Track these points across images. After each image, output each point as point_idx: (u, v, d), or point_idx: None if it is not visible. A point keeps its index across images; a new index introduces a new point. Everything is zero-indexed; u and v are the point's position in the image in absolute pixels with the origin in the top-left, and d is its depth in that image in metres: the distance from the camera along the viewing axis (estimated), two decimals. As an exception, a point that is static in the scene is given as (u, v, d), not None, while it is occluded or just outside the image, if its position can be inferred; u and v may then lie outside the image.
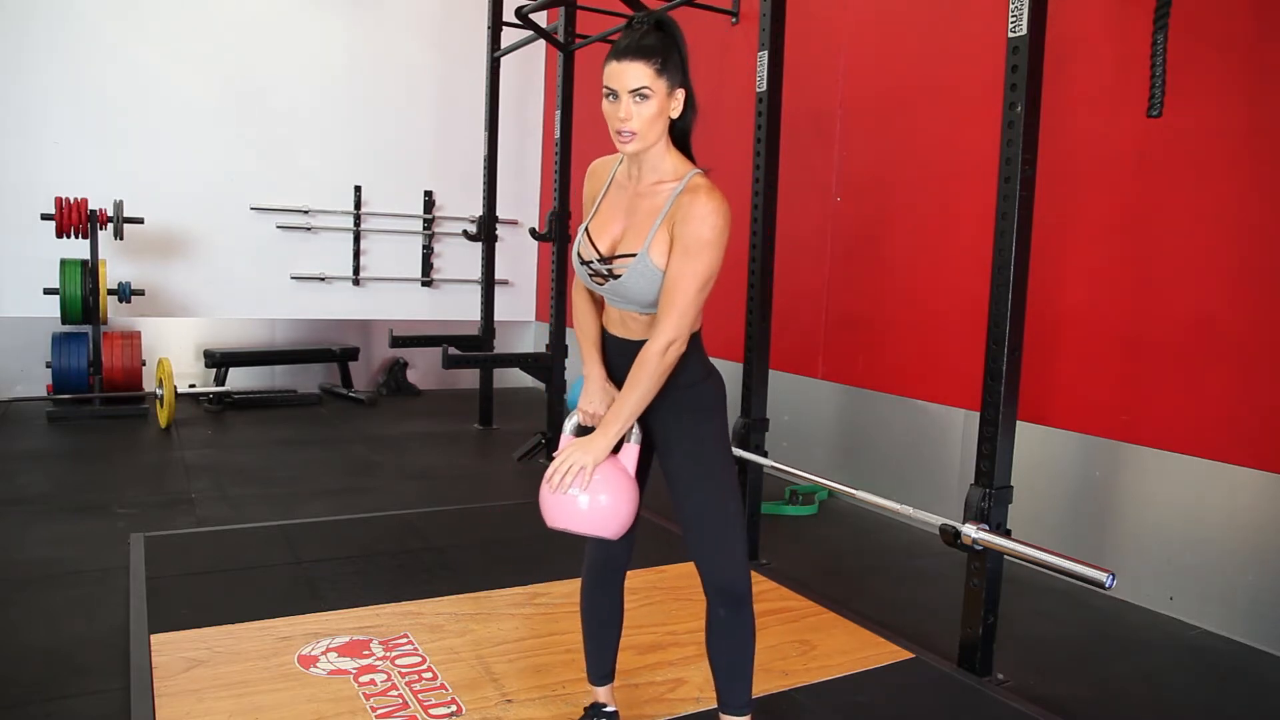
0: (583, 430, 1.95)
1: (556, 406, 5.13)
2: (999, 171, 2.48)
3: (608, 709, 2.12)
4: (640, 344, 1.80)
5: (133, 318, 6.54)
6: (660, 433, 1.90)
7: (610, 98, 1.72)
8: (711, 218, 1.71)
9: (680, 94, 1.75)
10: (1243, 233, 2.96)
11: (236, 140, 6.80)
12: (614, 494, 1.81)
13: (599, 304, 1.95)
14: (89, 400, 5.89)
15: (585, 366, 1.96)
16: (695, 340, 1.86)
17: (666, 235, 1.75)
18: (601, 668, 2.10)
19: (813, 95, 4.71)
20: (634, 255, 1.77)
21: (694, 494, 1.85)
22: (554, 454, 1.95)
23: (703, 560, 1.86)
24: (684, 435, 1.87)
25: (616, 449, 1.87)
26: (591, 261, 1.83)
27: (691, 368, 1.88)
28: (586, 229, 1.86)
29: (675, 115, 1.76)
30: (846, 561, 3.69)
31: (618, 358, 1.90)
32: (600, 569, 2.02)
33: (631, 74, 1.69)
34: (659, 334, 1.74)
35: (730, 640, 1.88)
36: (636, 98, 1.70)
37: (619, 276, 1.79)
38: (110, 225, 5.90)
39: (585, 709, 2.14)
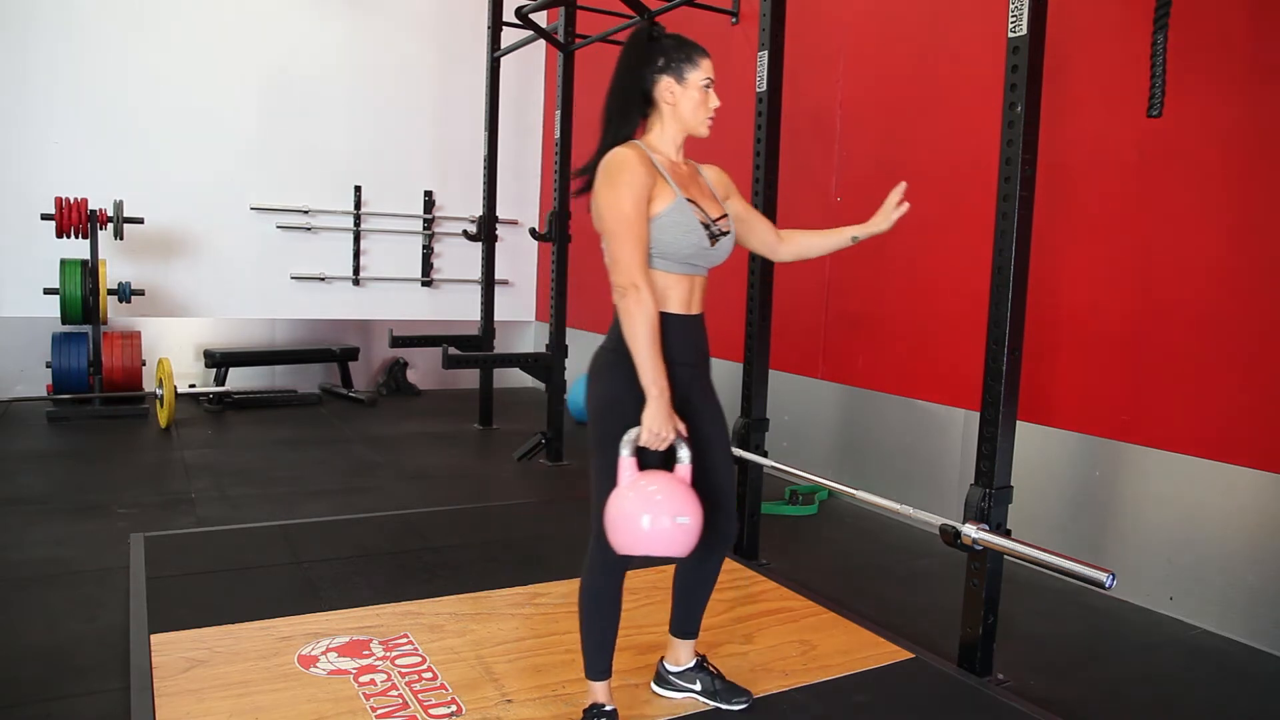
0: (642, 452, 1.95)
1: (556, 406, 5.13)
2: (999, 171, 2.48)
3: (607, 708, 2.13)
4: (702, 316, 2.11)
5: (133, 318, 6.55)
6: (698, 403, 2.10)
7: (709, 86, 2.05)
8: None
9: None
10: (1243, 232, 2.96)
11: (236, 140, 6.80)
12: (695, 514, 1.92)
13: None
14: (89, 400, 5.89)
15: (659, 383, 1.89)
16: None
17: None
18: (609, 660, 2.13)
19: (813, 95, 4.71)
20: (726, 215, 2.14)
21: (728, 459, 2.20)
22: (629, 476, 1.94)
23: (727, 516, 2.20)
24: (717, 405, 2.18)
25: (669, 466, 2.00)
26: (709, 225, 2.04)
27: None
28: (687, 200, 2.01)
29: None
30: (846, 561, 3.69)
31: (687, 337, 2.06)
32: (624, 563, 2.04)
33: (712, 68, 2.08)
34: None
35: (714, 580, 2.29)
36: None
37: (727, 233, 2.10)
38: (110, 225, 5.91)
39: (585, 711, 2.15)
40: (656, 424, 1.90)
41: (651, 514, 1.87)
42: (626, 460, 1.92)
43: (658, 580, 3.18)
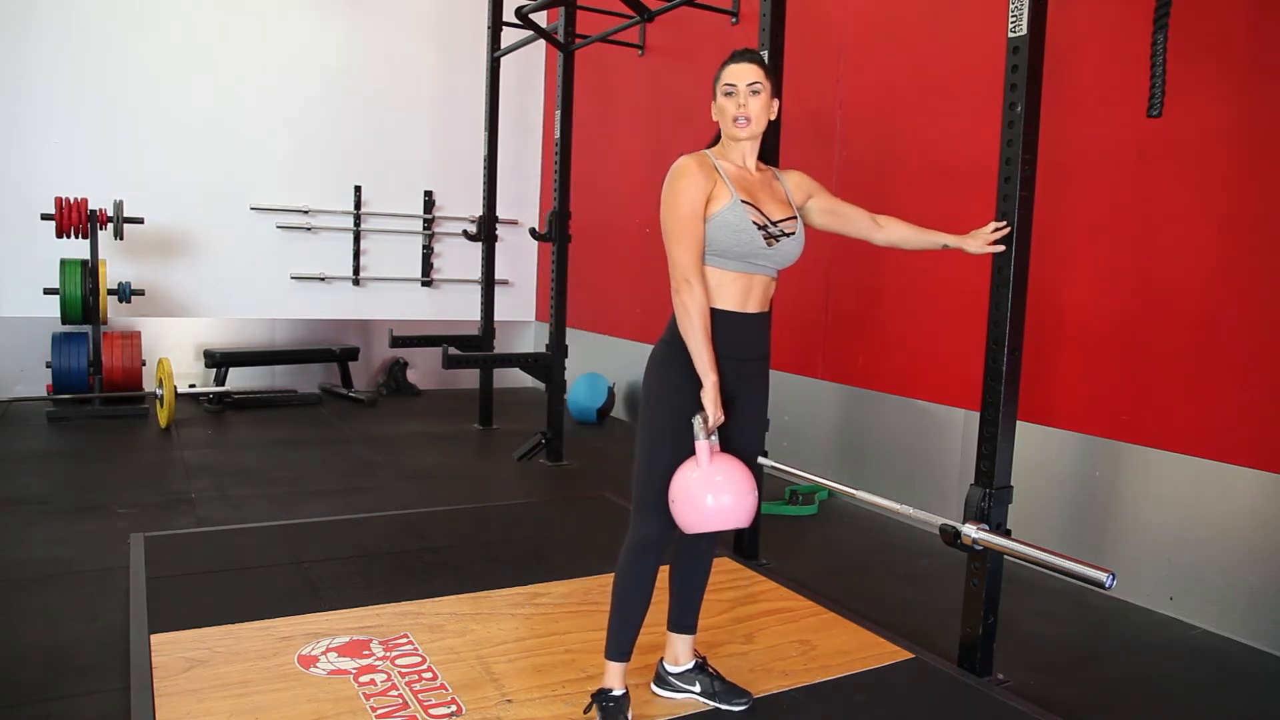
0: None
1: (556, 406, 5.13)
2: (999, 171, 2.48)
3: (616, 693, 2.16)
4: (763, 315, 2.14)
5: (133, 318, 6.54)
6: (740, 401, 2.13)
7: (728, 93, 2.09)
8: None
9: (776, 103, 2.15)
10: (1243, 232, 2.96)
11: (236, 140, 6.80)
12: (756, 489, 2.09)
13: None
14: (89, 400, 5.89)
15: (713, 372, 2.02)
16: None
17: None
18: (630, 643, 2.19)
19: (813, 95, 4.71)
20: (795, 218, 2.16)
21: (751, 458, 2.20)
22: (701, 462, 2.03)
23: None
24: (756, 405, 2.21)
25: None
26: (767, 225, 2.08)
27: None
28: (743, 202, 2.06)
29: (773, 118, 2.13)
30: (846, 561, 3.69)
31: (739, 333, 2.10)
32: (662, 544, 2.17)
33: (748, 72, 2.08)
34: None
35: (708, 569, 2.37)
36: (751, 91, 2.07)
37: (791, 234, 2.12)
38: (110, 225, 5.91)
39: (594, 695, 2.17)
40: (715, 407, 2.02)
41: (732, 493, 2.02)
42: (703, 445, 2.01)
43: (657, 581, 3.17)
